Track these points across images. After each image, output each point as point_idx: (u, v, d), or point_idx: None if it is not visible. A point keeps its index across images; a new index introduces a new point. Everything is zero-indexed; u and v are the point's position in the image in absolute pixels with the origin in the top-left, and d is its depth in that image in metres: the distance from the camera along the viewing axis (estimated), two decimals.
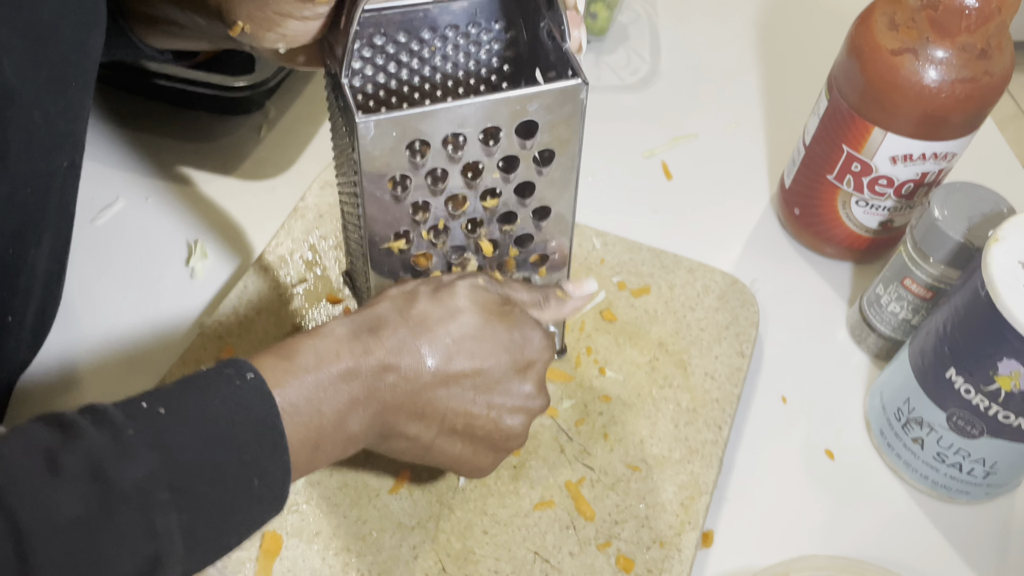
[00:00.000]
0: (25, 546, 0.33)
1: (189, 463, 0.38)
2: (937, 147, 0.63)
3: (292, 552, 0.55)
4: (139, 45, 0.56)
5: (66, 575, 0.34)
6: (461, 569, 0.55)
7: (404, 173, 0.47)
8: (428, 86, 0.54)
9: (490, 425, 0.48)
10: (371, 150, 0.45)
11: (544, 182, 0.50)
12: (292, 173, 0.77)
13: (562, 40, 0.48)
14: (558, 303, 0.52)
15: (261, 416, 0.40)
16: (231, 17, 0.46)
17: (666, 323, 0.67)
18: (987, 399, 0.54)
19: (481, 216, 0.51)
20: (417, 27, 0.51)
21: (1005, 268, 0.52)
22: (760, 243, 0.76)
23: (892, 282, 0.65)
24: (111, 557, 0.35)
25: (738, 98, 0.88)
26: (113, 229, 0.71)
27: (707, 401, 0.63)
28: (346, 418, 0.44)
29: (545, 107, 0.46)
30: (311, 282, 0.67)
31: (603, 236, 0.71)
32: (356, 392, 0.44)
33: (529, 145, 0.48)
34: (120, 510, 0.35)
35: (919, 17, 0.60)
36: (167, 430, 0.38)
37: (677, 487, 0.59)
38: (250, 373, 0.41)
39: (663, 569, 0.55)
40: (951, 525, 0.61)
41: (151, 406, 0.38)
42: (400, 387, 0.45)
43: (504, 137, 0.47)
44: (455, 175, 0.48)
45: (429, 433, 0.47)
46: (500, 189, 0.50)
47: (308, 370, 0.43)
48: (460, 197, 0.50)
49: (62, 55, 0.47)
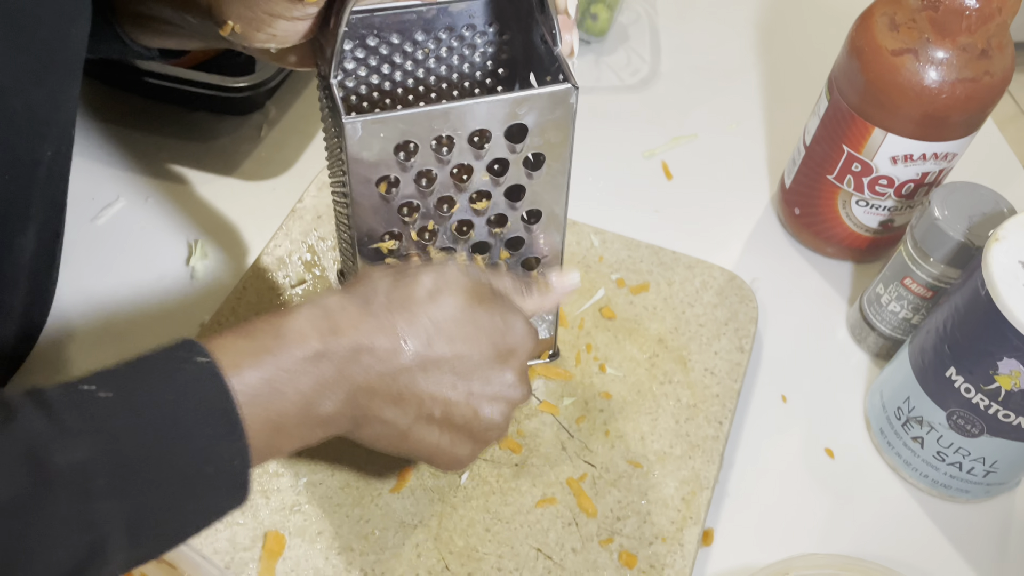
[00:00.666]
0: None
1: (132, 449, 0.37)
2: (937, 147, 0.64)
3: (295, 552, 0.55)
4: (128, 43, 0.56)
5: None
6: (464, 567, 0.55)
7: (393, 174, 0.47)
8: (422, 88, 0.54)
9: (469, 413, 0.47)
10: (359, 150, 0.45)
11: (535, 185, 0.50)
12: (292, 173, 0.77)
13: (553, 44, 0.48)
14: (541, 292, 0.51)
15: (212, 400, 0.39)
16: (221, 17, 0.46)
17: (665, 319, 0.67)
18: (987, 398, 0.54)
19: (471, 218, 0.51)
20: (411, 29, 0.51)
21: (1005, 268, 0.52)
22: (760, 243, 0.76)
23: (892, 281, 0.65)
24: (44, 543, 0.34)
25: (738, 98, 0.88)
26: (113, 229, 0.71)
27: (707, 397, 0.63)
28: (313, 401, 0.42)
29: (535, 111, 0.46)
30: (310, 283, 0.67)
31: (601, 234, 0.71)
32: (325, 374, 0.42)
33: (519, 148, 0.48)
34: (53, 496, 0.34)
35: (919, 17, 0.60)
36: (110, 414, 0.37)
37: (678, 483, 0.59)
38: (202, 356, 0.39)
39: (665, 564, 0.55)
40: (951, 523, 0.61)
41: (95, 389, 0.37)
42: (375, 368, 0.44)
43: (494, 140, 0.47)
44: (444, 176, 0.48)
45: (406, 419, 0.46)
46: (490, 192, 0.50)
47: (269, 350, 0.41)
48: (450, 199, 0.50)
49: (43, 43, 0.47)
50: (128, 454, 0.36)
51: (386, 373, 0.44)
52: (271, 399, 0.41)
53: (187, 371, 0.39)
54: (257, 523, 0.55)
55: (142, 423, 0.37)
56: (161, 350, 0.40)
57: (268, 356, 0.41)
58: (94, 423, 0.36)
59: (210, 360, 0.39)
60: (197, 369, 0.39)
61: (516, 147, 0.48)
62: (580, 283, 0.54)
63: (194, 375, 0.39)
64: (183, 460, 0.38)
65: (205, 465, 0.38)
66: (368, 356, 0.43)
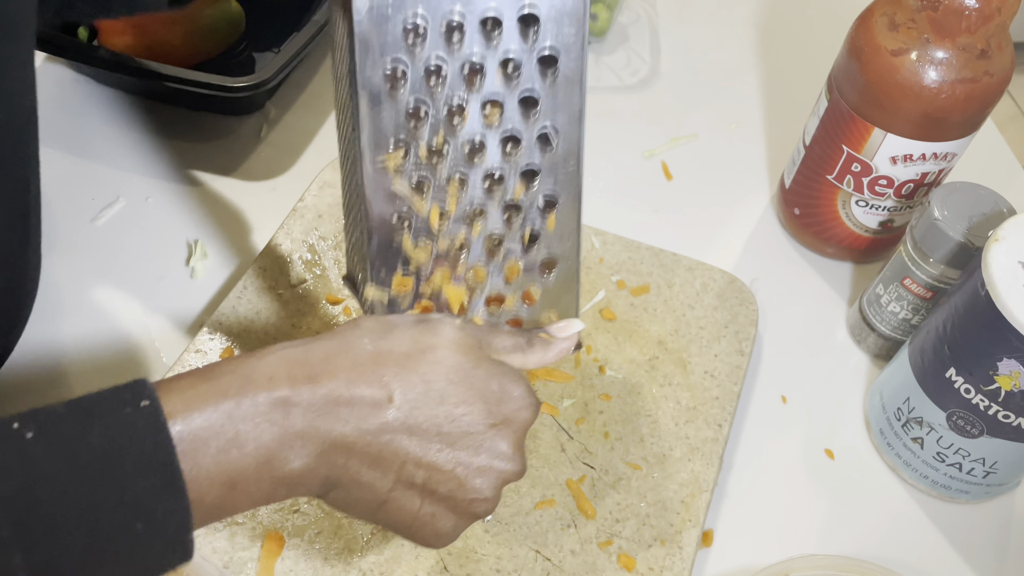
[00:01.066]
0: None
1: (49, 498, 0.33)
2: (937, 147, 0.64)
3: (294, 552, 0.55)
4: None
5: None
6: (463, 568, 0.55)
7: (400, 64, 0.45)
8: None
9: (453, 483, 0.42)
10: (367, 29, 0.43)
11: (548, 99, 0.48)
12: (292, 173, 0.77)
13: None
14: (543, 345, 0.48)
15: (151, 450, 0.35)
16: None
17: (665, 321, 0.67)
18: (987, 399, 0.54)
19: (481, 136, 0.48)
20: None
21: (1005, 268, 0.52)
22: (760, 243, 0.76)
23: (892, 282, 0.65)
24: None
25: (738, 98, 0.88)
26: (113, 229, 0.71)
27: (707, 399, 0.63)
28: (278, 455, 0.38)
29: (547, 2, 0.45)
30: (310, 282, 0.67)
31: (602, 235, 0.71)
32: (294, 425, 0.38)
33: (531, 39, 0.46)
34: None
35: (919, 18, 0.60)
36: (29, 458, 0.33)
37: (678, 485, 0.59)
38: (146, 400, 0.35)
39: (664, 567, 0.55)
40: (951, 524, 0.61)
41: (20, 428, 0.34)
42: (353, 422, 0.39)
43: (506, 30, 0.45)
44: (455, 74, 0.46)
45: (385, 483, 0.41)
46: (503, 102, 0.47)
47: (228, 395, 0.37)
48: (460, 109, 0.47)
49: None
50: (43, 503, 0.33)
51: (366, 429, 0.40)
52: (225, 451, 0.37)
53: (126, 416, 0.35)
54: (256, 523, 0.55)
55: (66, 469, 0.34)
56: (107, 390, 0.36)
57: (226, 402, 0.37)
58: (10, 465, 0.33)
59: (153, 405, 0.35)
60: (137, 415, 0.35)
61: (528, 33, 0.46)
62: (583, 326, 0.51)
63: (132, 421, 0.35)
64: (109, 515, 0.34)
65: (135, 522, 0.35)
66: (347, 409, 0.39)
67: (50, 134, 0.76)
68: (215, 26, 0.76)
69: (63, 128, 0.77)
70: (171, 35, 0.75)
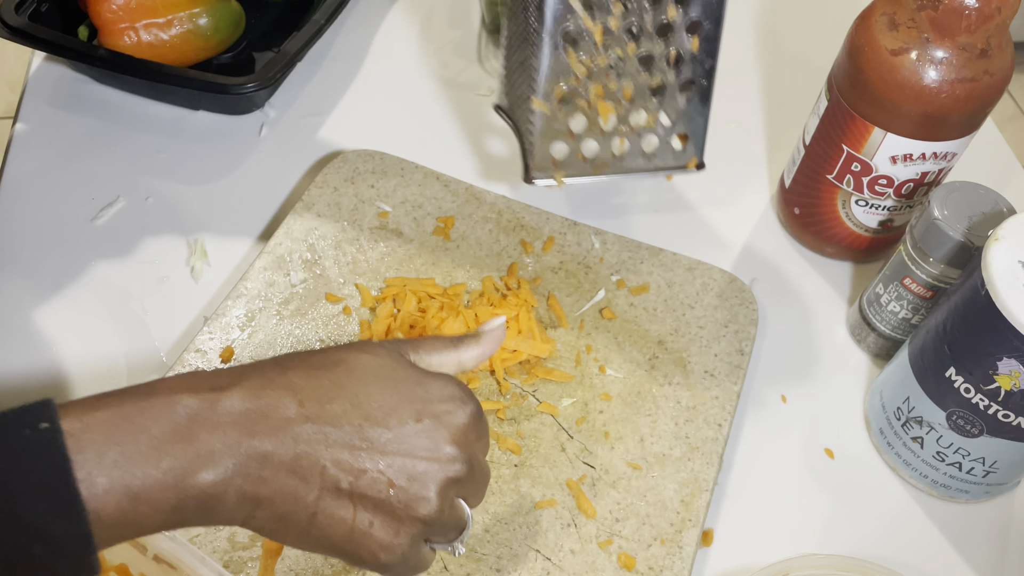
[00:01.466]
0: None
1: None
2: (937, 147, 0.64)
3: (294, 551, 0.55)
4: None
5: None
6: (463, 567, 0.55)
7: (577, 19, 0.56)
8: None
9: (382, 484, 0.40)
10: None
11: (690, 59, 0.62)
12: (292, 173, 0.77)
13: None
14: (473, 339, 0.48)
15: (45, 472, 0.34)
16: None
17: (665, 321, 0.67)
18: (987, 398, 0.54)
19: None
20: None
21: (1005, 267, 0.52)
22: (760, 243, 0.76)
23: (892, 281, 0.65)
24: None
25: (738, 98, 0.88)
26: (113, 229, 0.71)
27: (707, 399, 0.63)
28: (187, 470, 0.37)
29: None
30: (311, 282, 0.67)
31: (602, 235, 0.71)
32: (197, 435, 0.37)
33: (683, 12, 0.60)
34: None
35: (919, 17, 0.60)
36: None
37: (678, 485, 0.59)
38: (46, 422, 0.35)
39: (664, 566, 0.55)
40: (950, 524, 0.61)
41: None
42: (261, 427, 0.38)
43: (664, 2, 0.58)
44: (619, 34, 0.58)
45: (310, 491, 0.40)
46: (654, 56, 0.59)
47: (125, 407, 0.37)
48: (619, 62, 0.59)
49: None
50: None
51: (278, 436, 0.39)
52: (124, 464, 0.36)
53: (23, 438, 0.35)
54: None
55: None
56: (11, 411, 0.36)
57: (125, 413, 0.37)
58: None
59: (53, 426, 0.35)
60: (35, 436, 0.35)
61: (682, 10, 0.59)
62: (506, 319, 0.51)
63: (28, 442, 0.35)
64: (7, 538, 0.34)
65: (32, 545, 0.34)
66: (256, 415, 0.39)
67: (50, 134, 0.77)
68: (215, 26, 0.76)
69: (63, 128, 0.77)
70: (171, 35, 0.75)
